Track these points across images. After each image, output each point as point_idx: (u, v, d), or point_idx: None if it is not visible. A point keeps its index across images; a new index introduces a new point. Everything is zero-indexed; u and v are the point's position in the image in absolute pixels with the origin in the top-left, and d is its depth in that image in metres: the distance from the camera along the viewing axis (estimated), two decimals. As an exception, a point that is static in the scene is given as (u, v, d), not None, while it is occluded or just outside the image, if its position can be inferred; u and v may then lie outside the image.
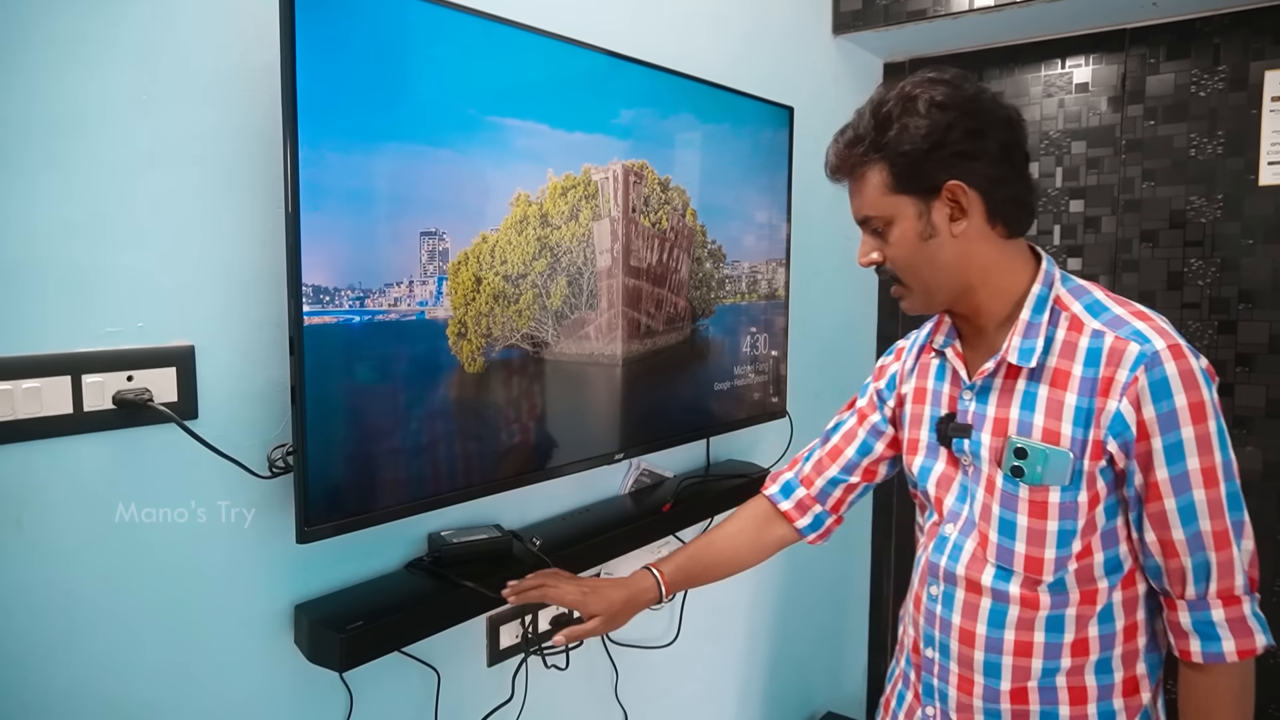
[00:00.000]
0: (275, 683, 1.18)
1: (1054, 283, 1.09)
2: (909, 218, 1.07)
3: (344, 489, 1.12)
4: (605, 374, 1.49)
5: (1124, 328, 1.02)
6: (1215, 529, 0.99)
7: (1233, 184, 2.11)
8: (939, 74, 1.07)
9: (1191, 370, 0.99)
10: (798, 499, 1.37)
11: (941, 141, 1.02)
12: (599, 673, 1.72)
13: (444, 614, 1.25)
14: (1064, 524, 1.05)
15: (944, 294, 1.12)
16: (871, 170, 1.08)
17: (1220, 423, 1.00)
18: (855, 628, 2.72)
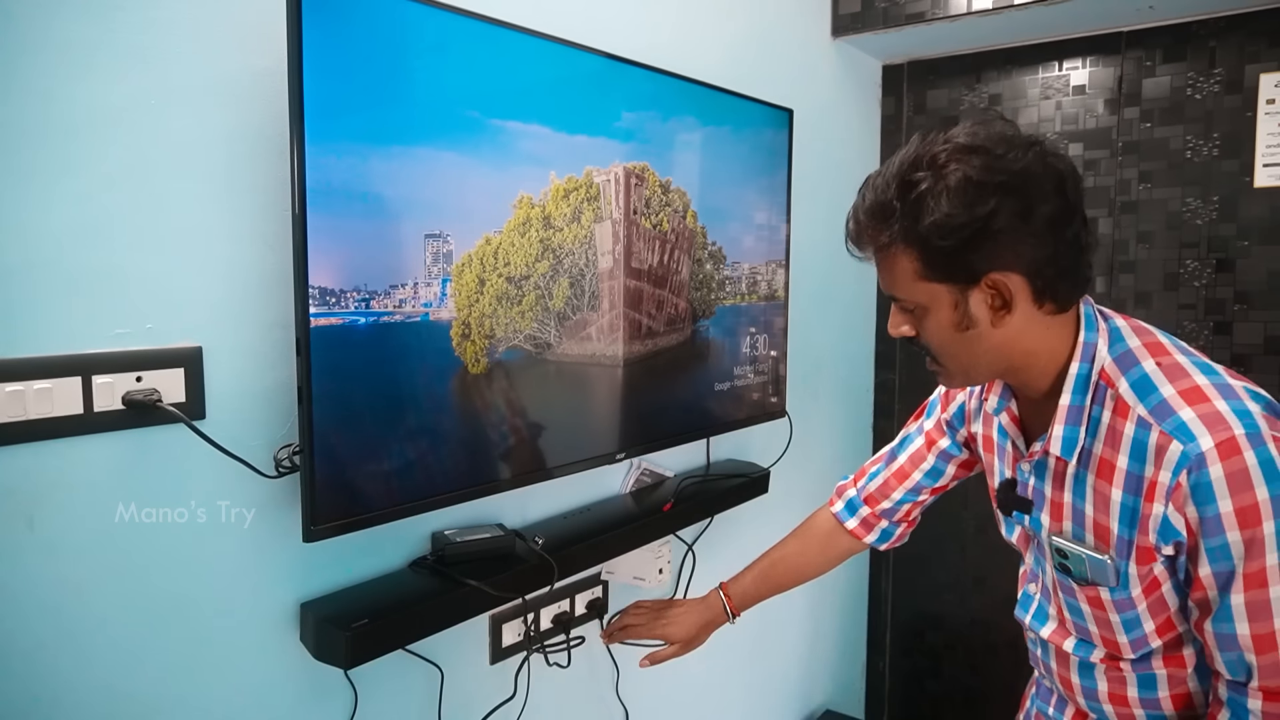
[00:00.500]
0: (282, 680, 1.19)
1: (1095, 355, 0.98)
2: (944, 306, 0.97)
3: (350, 488, 1.13)
4: (607, 374, 1.51)
5: (1169, 419, 0.91)
6: (1257, 632, 0.91)
7: (1228, 186, 2.13)
8: (975, 137, 0.93)
9: (1245, 469, 0.87)
10: (862, 517, 1.40)
11: (983, 231, 0.90)
12: (600, 671, 1.73)
13: (447, 612, 1.26)
14: (1124, 615, 1.02)
15: (983, 376, 1.06)
16: (899, 254, 0.97)
17: None
18: (854, 626, 2.73)
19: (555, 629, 1.60)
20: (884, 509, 1.38)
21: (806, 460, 2.34)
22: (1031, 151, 0.92)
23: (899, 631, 2.76)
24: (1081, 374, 0.98)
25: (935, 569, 2.65)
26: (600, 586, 1.71)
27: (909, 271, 0.97)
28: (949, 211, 0.90)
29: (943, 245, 0.92)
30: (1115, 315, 1.04)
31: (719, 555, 2.01)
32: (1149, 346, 0.98)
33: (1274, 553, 0.88)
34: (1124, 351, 0.98)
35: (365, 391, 1.15)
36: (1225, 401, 0.90)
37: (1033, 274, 0.93)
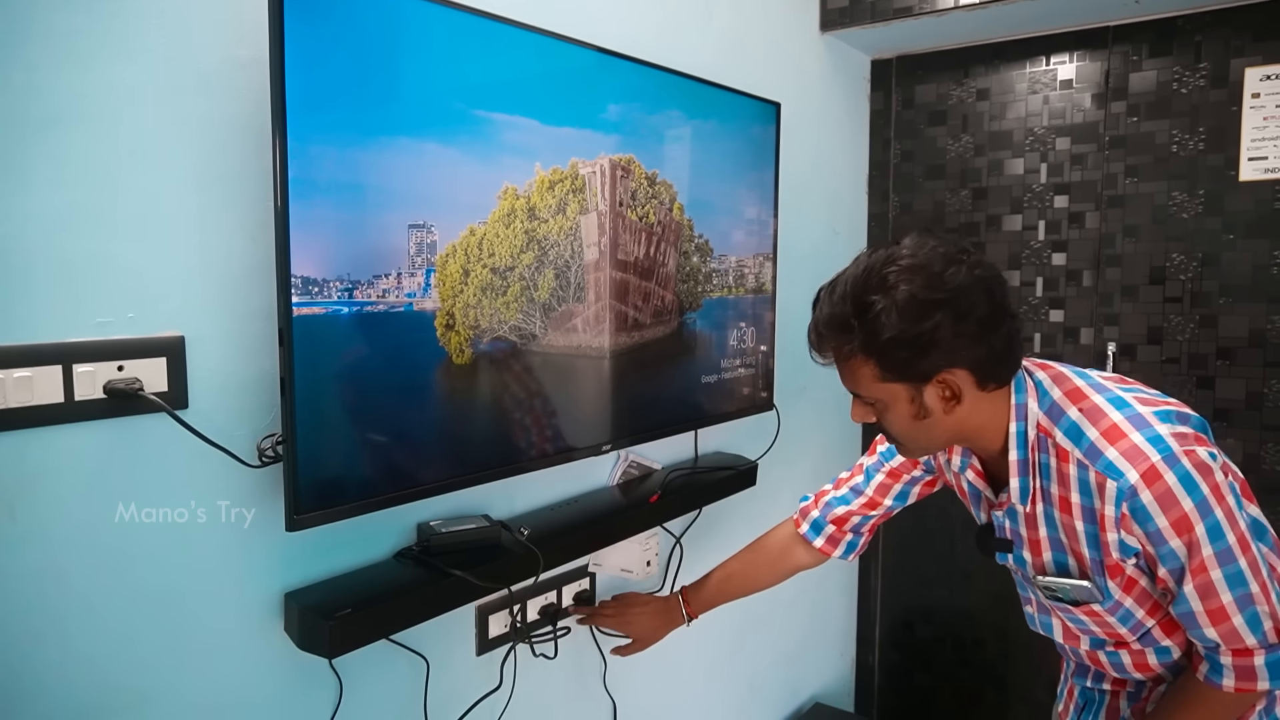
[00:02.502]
0: (266, 670, 1.19)
1: (1028, 413, 1.15)
2: (902, 401, 1.12)
3: (333, 478, 1.13)
4: (593, 366, 1.51)
5: (1099, 460, 1.08)
6: (1210, 608, 1.08)
7: (1213, 180, 2.14)
8: (915, 258, 1.07)
9: (1169, 491, 1.04)
10: (829, 535, 1.51)
11: (930, 341, 1.05)
12: (587, 663, 1.74)
13: (433, 602, 1.27)
14: (1118, 615, 1.19)
15: (939, 448, 1.22)
16: (860, 362, 1.11)
17: (1213, 518, 1.05)
18: (844, 620, 2.74)
19: (542, 620, 1.60)
20: (851, 525, 1.50)
21: (795, 453, 2.35)
22: (964, 267, 1.07)
23: (888, 625, 2.77)
24: (1020, 432, 1.15)
25: (924, 563, 2.66)
26: (588, 579, 1.71)
27: (869, 375, 1.11)
28: (901, 327, 1.05)
29: (897, 355, 1.07)
30: (1038, 369, 1.19)
31: (707, 548, 2.01)
32: (1069, 394, 1.14)
33: (1209, 545, 1.05)
34: (1050, 404, 1.14)
35: (349, 381, 1.15)
36: (1139, 433, 1.07)
37: (975, 367, 1.09)
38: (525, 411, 1.40)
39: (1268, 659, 1.09)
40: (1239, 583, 1.07)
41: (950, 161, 2.52)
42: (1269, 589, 1.09)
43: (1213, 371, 2.18)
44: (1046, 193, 2.37)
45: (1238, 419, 2.16)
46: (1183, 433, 1.08)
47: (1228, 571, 1.07)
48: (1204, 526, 1.05)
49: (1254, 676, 1.10)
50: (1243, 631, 1.09)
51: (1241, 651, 1.10)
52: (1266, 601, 1.09)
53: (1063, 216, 2.35)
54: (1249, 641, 1.09)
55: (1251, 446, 2.14)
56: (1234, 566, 1.07)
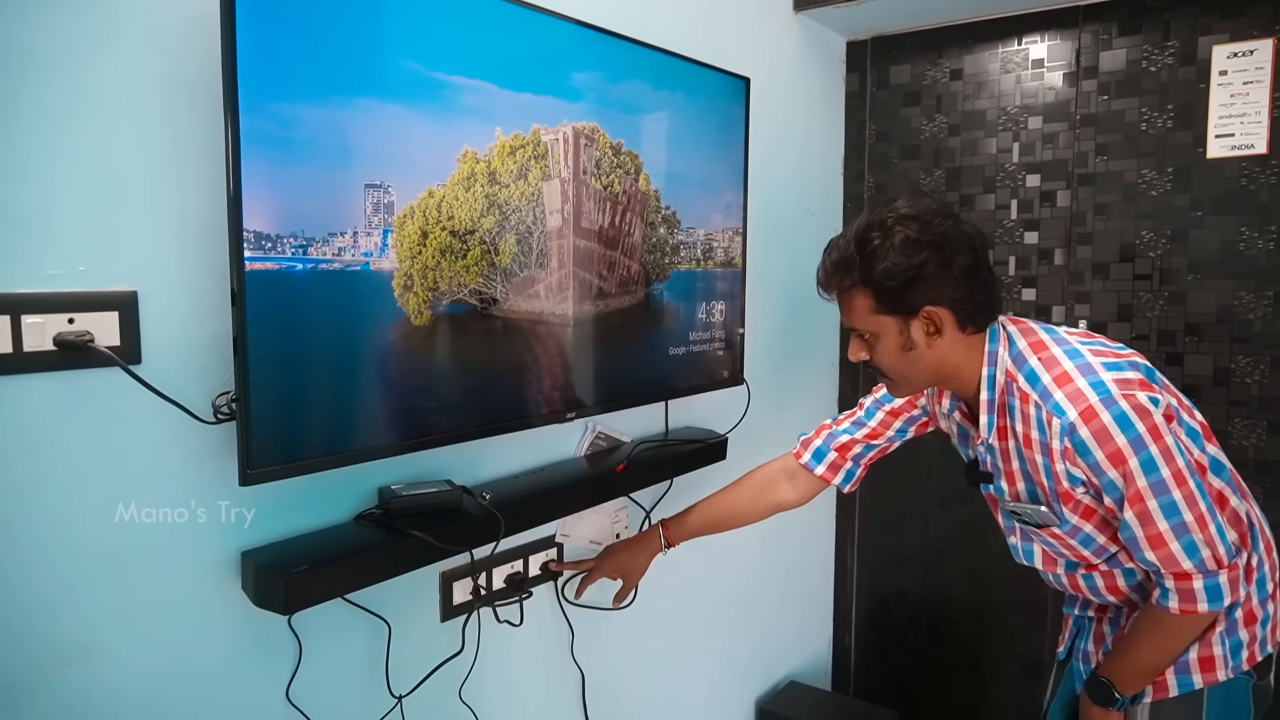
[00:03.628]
0: (223, 629, 1.20)
1: (998, 360, 1.30)
2: (892, 334, 1.29)
3: (288, 435, 1.14)
4: (556, 333, 1.51)
5: (1049, 401, 1.23)
6: (1148, 534, 1.22)
7: (1182, 157, 2.16)
8: (913, 208, 1.26)
9: (1103, 427, 1.19)
10: (830, 461, 1.62)
11: (918, 275, 1.23)
12: (555, 632, 1.74)
13: (392, 562, 1.27)
14: (1078, 538, 1.33)
15: (921, 386, 1.38)
16: (858, 295, 1.29)
17: (1147, 453, 1.18)
18: (820, 598, 2.75)
19: (508, 590, 1.60)
20: (853, 454, 1.62)
21: (766, 428, 2.35)
22: (950, 220, 1.26)
23: (864, 605, 2.78)
24: (990, 375, 1.32)
25: (900, 543, 2.68)
26: (555, 549, 1.72)
27: (865, 307, 1.29)
28: (894, 261, 1.23)
29: (890, 285, 1.25)
30: (1010, 322, 1.35)
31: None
32: (1032, 345, 1.30)
33: (1142, 477, 1.19)
34: (1017, 353, 1.30)
35: (304, 339, 1.15)
36: (1084, 378, 1.22)
37: (956, 307, 1.26)
38: (486, 376, 1.41)
39: (1205, 583, 1.22)
40: (1173, 512, 1.20)
41: (925, 142, 2.53)
42: (1206, 520, 1.21)
43: (1181, 348, 2.20)
44: (1019, 172, 2.38)
45: (1206, 395, 2.17)
46: (1126, 378, 1.22)
47: (1162, 501, 1.19)
48: (1137, 460, 1.18)
49: (1194, 599, 1.23)
50: (1179, 556, 1.21)
51: (1180, 575, 1.23)
52: (1202, 531, 1.21)
53: (1035, 195, 2.37)
54: (1185, 565, 1.22)
55: (1219, 422, 2.16)
56: (1168, 497, 1.19)
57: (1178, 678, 1.34)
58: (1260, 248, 2.09)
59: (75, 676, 1.06)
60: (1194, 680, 1.33)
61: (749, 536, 2.32)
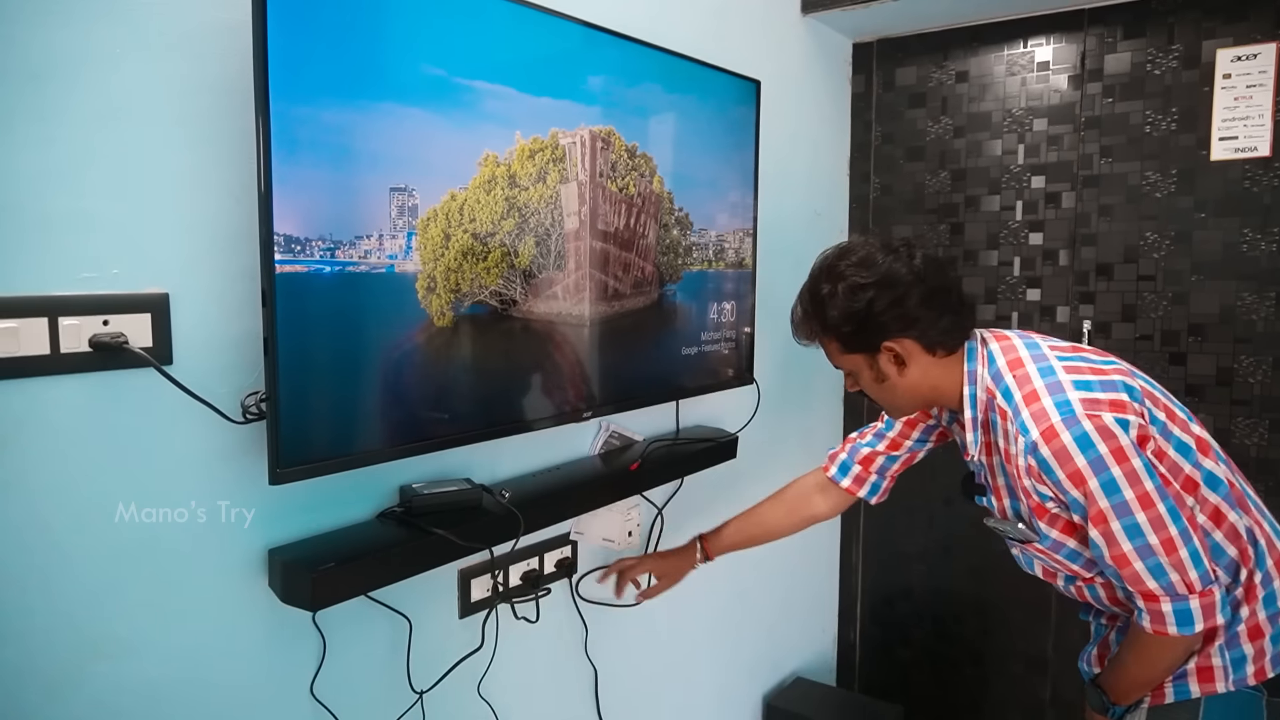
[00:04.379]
0: (250, 625, 1.22)
1: (977, 378, 1.34)
2: (864, 369, 1.36)
3: (315, 435, 1.16)
4: (573, 333, 1.53)
5: (1018, 419, 1.25)
6: (1113, 554, 1.22)
7: (1185, 159, 2.18)
8: (857, 251, 1.32)
9: (1063, 447, 1.19)
10: (855, 475, 1.66)
11: (868, 316, 1.29)
12: (569, 629, 1.76)
13: (414, 560, 1.29)
14: (1063, 554, 1.34)
15: (909, 409, 1.44)
16: (825, 341, 1.38)
17: (1109, 474, 1.18)
18: (825, 595, 2.78)
19: (524, 587, 1.63)
20: (876, 467, 1.65)
21: (776, 428, 2.38)
22: (897, 256, 1.31)
23: (869, 601, 2.81)
24: (971, 395, 1.35)
25: (904, 540, 2.70)
26: (569, 546, 1.74)
27: (835, 350, 1.37)
28: (843, 307, 1.30)
29: (846, 330, 1.32)
30: (993, 338, 1.37)
31: (688, 519, 2.05)
32: (1009, 363, 1.31)
33: (1104, 499, 1.19)
34: (995, 371, 1.32)
35: (331, 340, 1.17)
36: (1050, 397, 1.23)
37: (919, 335, 1.30)
38: (506, 376, 1.43)
39: (1174, 607, 1.21)
40: (1136, 534, 1.19)
41: (930, 144, 2.56)
42: (1176, 544, 1.19)
43: (1184, 348, 2.22)
44: (1024, 173, 2.41)
45: (1209, 394, 2.20)
46: (1094, 399, 1.21)
47: (1125, 523, 1.19)
48: (1098, 481, 1.18)
49: (1164, 621, 1.22)
50: (1144, 577, 1.21)
51: (1148, 595, 1.22)
52: (1169, 555, 1.19)
53: (1040, 196, 2.39)
54: (1150, 586, 1.21)
55: (1221, 421, 2.19)
56: (1131, 519, 1.19)
57: (1174, 684, 1.33)
58: (1263, 249, 2.11)
59: (107, 672, 1.08)
60: (1191, 688, 1.32)
61: (757, 534, 2.34)
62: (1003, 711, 2.58)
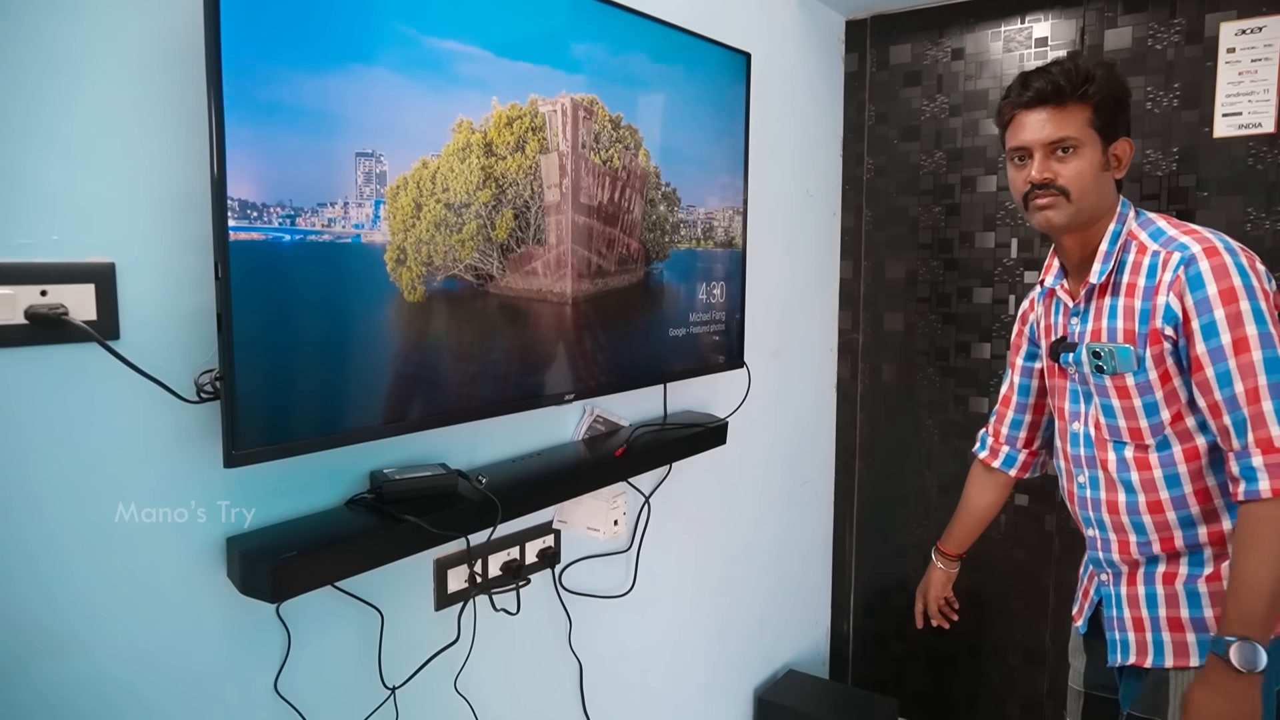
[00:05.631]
0: (208, 619, 1.14)
1: (1126, 220, 1.39)
2: (1096, 149, 1.36)
3: (275, 415, 1.08)
4: (554, 312, 1.46)
5: (1174, 244, 1.30)
6: (1246, 388, 1.21)
7: (1188, 137, 2.12)
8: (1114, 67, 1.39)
9: (1224, 264, 1.24)
10: (990, 446, 1.73)
11: (1127, 105, 1.38)
12: (552, 621, 1.70)
13: (385, 549, 1.22)
14: (1145, 399, 1.34)
15: (1088, 210, 1.38)
16: (1082, 108, 1.35)
17: (1255, 302, 1.22)
18: (818, 587, 2.72)
19: (504, 577, 1.56)
20: (1006, 435, 1.71)
21: (767, 415, 2.32)
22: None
23: (863, 593, 2.75)
24: (1115, 231, 1.38)
25: (898, 531, 2.64)
26: (552, 536, 1.67)
27: (1084, 119, 1.35)
28: (1123, 89, 1.37)
29: (1111, 104, 1.36)
30: None
31: (676, 507, 1.98)
32: (1162, 216, 1.39)
33: (1253, 324, 1.22)
34: (1144, 219, 1.39)
35: (292, 313, 1.10)
36: (1213, 234, 1.30)
37: (1128, 154, 1.39)
38: (483, 355, 1.35)
39: None
40: (1275, 368, 1.20)
41: (925, 123, 2.49)
42: None
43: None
44: (1021, 153, 2.34)
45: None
46: (1250, 252, 1.28)
47: (1267, 355, 1.20)
48: (1249, 304, 1.22)
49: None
50: (1270, 419, 1.19)
51: (1270, 448, 1.19)
52: None
53: None
54: (1274, 431, 1.19)
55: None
56: (1273, 352, 1.20)
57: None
58: (1267, 228, 2.05)
59: (53, 669, 1.01)
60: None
61: (745, 525, 2.28)
62: (999, 705, 2.53)
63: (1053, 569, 2.37)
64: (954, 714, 2.61)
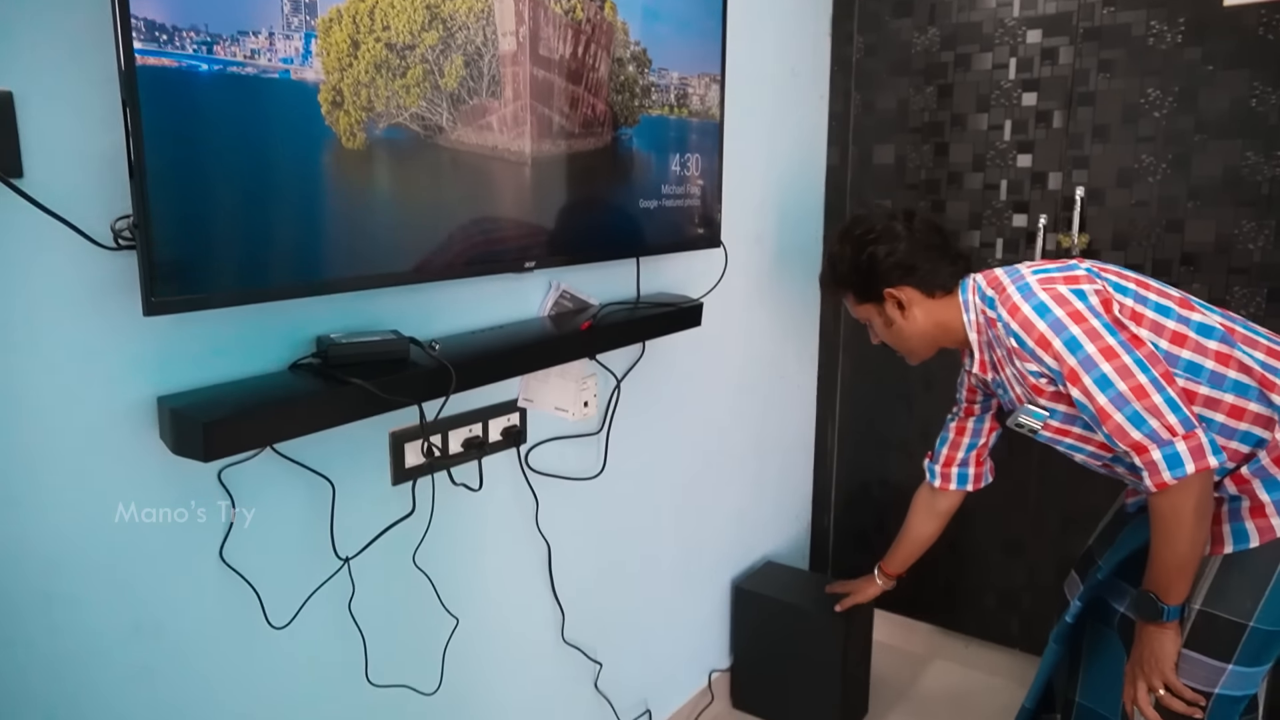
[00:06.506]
0: (143, 482, 1.09)
1: (971, 305, 1.50)
2: (875, 317, 1.59)
3: (197, 262, 1.01)
4: (512, 172, 1.38)
5: (996, 312, 1.42)
6: (1096, 407, 1.30)
7: (1195, 7, 2.00)
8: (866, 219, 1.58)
9: (1026, 318, 1.35)
10: (940, 473, 1.84)
11: (869, 268, 1.54)
12: (518, 501, 1.66)
13: (327, 412, 1.16)
14: (1078, 425, 1.43)
15: (923, 353, 1.61)
16: (843, 295, 1.63)
17: (1068, 333, 1.31)
18: (799, 482, 2.70)
19: (467, 454, 1.51)
20: (958, 461, 1.82)
21: (748, 302, 2.25)
22: (897, 220, 1.55)
23: (844, 488, 2.73)
24: (968, 320, 1.51)
25: (882, 426, 2.61)
26: (518, 414, 1.62)
27: (852, 302, 1.62)
28: (850, 262, 1.57)
29: (855, 281, 1.58)
30: (978, 274, 1.52)
31: (651, 393, 1.93)
32: (990, 283, 1.48)
33: (1070, 356, 1.32)
34: (982, 293, 1.49)
35: (215, 153, 1.01)
36: (1013, 286, 1.41)
37: (916, 282, 1.52)
38: (433, 213, 1.27)
39: (1163, 452, 1.26)
40: (1106, 385, 1.29)
41: (915, 56, 2.36)
42: (1147, 390, 1.27)
43: (1183, 215, 2.08)
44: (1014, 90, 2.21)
45: (1205, 263, 2.07)
46: (1048, 277, 1.39)
47: (1094, 377, 1.29)
48: (1060, 341, 1.32)
49: (1158, 470, 1.26)
50: (1126, 428, 1.28)
51: (1137, 448, 1.28)
52: (1141, 400, 1.27)
53: (1029, 115, 2.21)
54: (1136, 437, 1.28)
55: (1217, 290, 2.06)
56: (1097, 371, 1.29)
57: (1231, 525, 1.36)
58: (1273, 103, 1.95)
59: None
60: (1248, 528, 1.34)
61: (723, 416, 2.24)
62: (977, 596, 2.53)
63: (1035, 462, 2.34)
64: (931, 606, 2.62)
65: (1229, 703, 1.36)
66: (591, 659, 1.89)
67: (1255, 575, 1.33)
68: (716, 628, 2.35)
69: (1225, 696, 1.36)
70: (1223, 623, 1.34)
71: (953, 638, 2.62)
